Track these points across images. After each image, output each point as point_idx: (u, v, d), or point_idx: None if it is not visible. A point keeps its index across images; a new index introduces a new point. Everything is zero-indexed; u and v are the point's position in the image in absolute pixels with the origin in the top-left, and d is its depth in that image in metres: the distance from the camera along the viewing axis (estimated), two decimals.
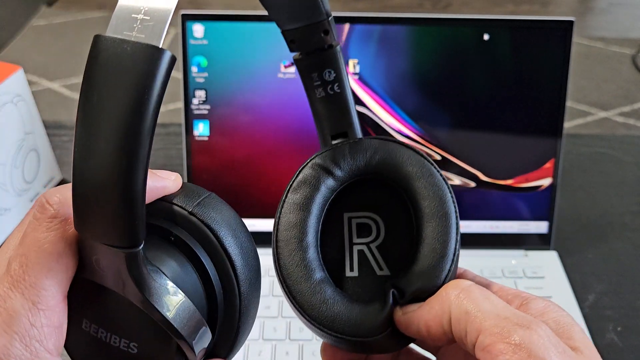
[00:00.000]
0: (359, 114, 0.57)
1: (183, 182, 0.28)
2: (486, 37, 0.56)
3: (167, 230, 0.27)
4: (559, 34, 0.56)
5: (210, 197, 0.28)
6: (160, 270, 0.24)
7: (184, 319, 0.24)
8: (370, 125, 0.57)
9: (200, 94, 0.57)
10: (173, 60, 0.21)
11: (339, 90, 0.32)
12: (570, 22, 0.56)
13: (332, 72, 0.32)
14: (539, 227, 0.60)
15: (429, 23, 0.56)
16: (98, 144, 0.21)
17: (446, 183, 0.30)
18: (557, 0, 1.42)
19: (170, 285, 0.24)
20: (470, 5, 1.38)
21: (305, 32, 0.31)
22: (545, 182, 0.59)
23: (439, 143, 0.58)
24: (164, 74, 0.20)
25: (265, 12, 0.31)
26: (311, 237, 0.30)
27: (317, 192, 0.30)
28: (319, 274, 0.29)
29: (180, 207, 0.27)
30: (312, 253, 0.30)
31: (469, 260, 0.59)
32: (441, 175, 0.30)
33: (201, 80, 0.57)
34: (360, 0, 1.40)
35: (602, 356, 0.25)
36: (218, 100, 0.57)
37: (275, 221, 0.30)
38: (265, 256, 0.30)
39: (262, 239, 0.37)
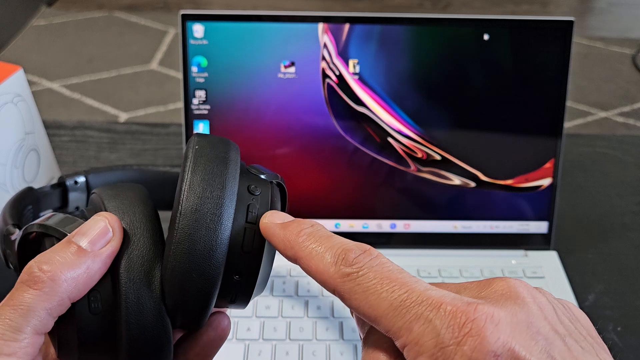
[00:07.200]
0: (360, 114, 0.57)
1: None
2: (486, 37, 0.56)
3: None
4: (558, 34, 0.56)
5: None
6: None
7: None
8: (370, 125, 0.57)
9: (201, 94, 0.57)
10: None
11: None
12: (570, 22, 0.56)
13: None
14: (539, 227, 0.60)
15: (429, 23, 0.56)
16: None
17: None
18: (557, 0, 1.42)
19: None
20: (470, 5, 1.38)
21: None
22: (545, 182, 0.59)
23: (439, 143, 0.58)
24: None
25: (265, 12, 0.30)
26: None
27: None
28: None
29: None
30: None
31: (470, 260, 0.59)
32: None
33: (201, 80, 0.57)
34: (360, 0, 1.40)
35: None
36: (218, 101, 0.57)
37: None
38: None
39: None
